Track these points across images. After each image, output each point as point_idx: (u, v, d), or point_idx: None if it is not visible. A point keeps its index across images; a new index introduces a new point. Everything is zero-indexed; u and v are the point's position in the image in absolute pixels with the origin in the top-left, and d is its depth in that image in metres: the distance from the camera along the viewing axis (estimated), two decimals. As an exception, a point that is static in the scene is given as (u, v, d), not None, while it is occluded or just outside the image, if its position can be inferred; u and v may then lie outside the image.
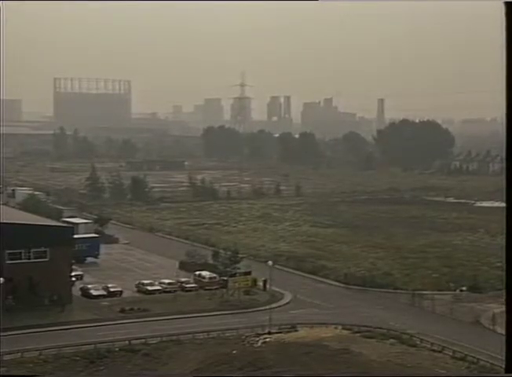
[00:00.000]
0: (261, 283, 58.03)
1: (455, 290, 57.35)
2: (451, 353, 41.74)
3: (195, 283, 58.94)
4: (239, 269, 60.88)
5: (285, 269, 65.83)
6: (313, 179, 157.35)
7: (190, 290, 57.19)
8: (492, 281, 59.44)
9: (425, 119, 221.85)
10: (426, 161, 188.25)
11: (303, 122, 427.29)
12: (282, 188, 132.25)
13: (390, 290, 57.94)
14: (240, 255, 65.57)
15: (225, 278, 58.03)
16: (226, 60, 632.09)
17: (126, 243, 79.84)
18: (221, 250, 67.12)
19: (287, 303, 54.88)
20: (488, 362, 40.08)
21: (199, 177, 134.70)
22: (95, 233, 74.80)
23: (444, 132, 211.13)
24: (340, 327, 47.69)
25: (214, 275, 59.60)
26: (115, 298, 54.49)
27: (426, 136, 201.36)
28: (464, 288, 57.72)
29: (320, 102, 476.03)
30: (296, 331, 47.01)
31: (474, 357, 40.94)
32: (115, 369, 39.86)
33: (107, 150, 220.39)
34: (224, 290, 56.23)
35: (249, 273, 59.13)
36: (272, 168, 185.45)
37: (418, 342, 44.11)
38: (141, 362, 41.35)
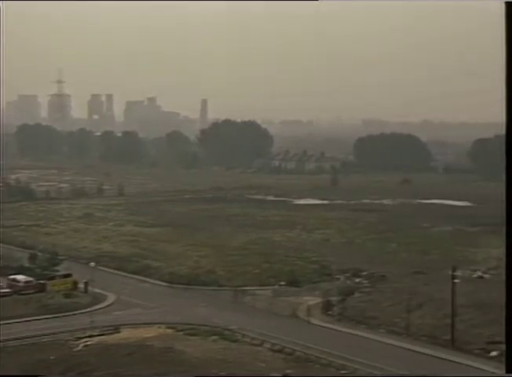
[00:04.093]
0: (82, 286, 56.41)
1: (274, 285, 59.50)
2: (269, 346, 43.27)
3: (9, 287, 55.81)
4: (58, 271, 58.76)
5: (108, 269, 64.61)
6: (137, 178, 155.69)
7: (4, 296, 54.06)
8: (309, 275, 62.62)
9: (246, 120, 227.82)
10: (247, 160, 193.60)
11: (126, 120, 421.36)
12: (104, 187, 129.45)
13: (214, 288, 58.91)
14: (60, 257, 63.33)
15: (43, 281, 55.66)
16: (43, 56, 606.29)
17: None
18: (39, 253, 64.31)
19: (110, 304, 53.83)
20: (302, 352, 42.07)
21: (14, 176, 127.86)
22: None
23: (263, 132, 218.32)
24: (163, 326, 47.62)
25: (30, 278, 56.89)
26: None
27: (247, 136, 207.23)
28: (283, 283, 60.07)
29: (143, 101, 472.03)
30: (119, 332, 46.24)
31: (291, 349, 42.74)
32: None
33: None
34: (43, 294, 53.89)
35: (69, 276, 57.27)
36: (93, 167, 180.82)
37: (239, 338, 45.24)
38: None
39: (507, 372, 8.72)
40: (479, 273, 62.91)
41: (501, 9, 8.37)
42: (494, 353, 41.63)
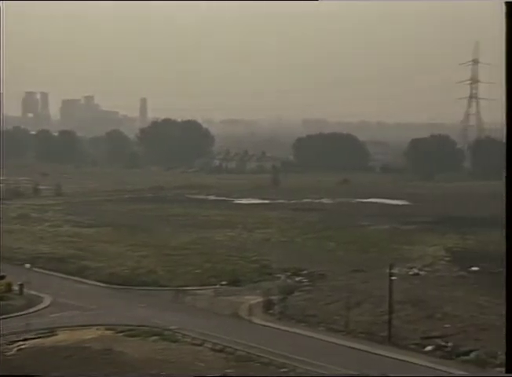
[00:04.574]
0: (16, 288, 55.08)
1: (215, 285, 59.47)
2: (210, 346, 43.24)
3: None
4: (-10, 273, 57.15)
5: (44, 271, 63.24)
6: (75, 178, 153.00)
7: None
8: (250, 274, 62.83)
9: (186, 119, 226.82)
10: (188, 160, 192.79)
11: (62, 119, 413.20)
12: (41, 187, 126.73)
13: (154, 288, 58.43)
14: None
15: (-26, 284, 54.06)
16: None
17: None
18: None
19: (46, 307, 52.69)
20: (243, 351, 42.22)
21: None
22: None
23: (204, 132, 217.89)
24: (102, 327, 46.97)
25: (-41, 282, 55.14)
26: None
27: (187, 135, 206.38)
28: (224, 282, 60.10)
29: (80, 99, 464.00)
30: (56, 335, 45.33)
31: (232, 348, 42.83)
32: None
33: None
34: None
35: (3, 277, 55.84)
36: (29, 167, 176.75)
37: (179, 338, 45.03)
38: None
39: (507, 372, 8.86)
40: (415, 270, 64.38)
41: (501, 9, 8.46)
42: (429, 348, 42.70)
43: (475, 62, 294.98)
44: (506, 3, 8.45)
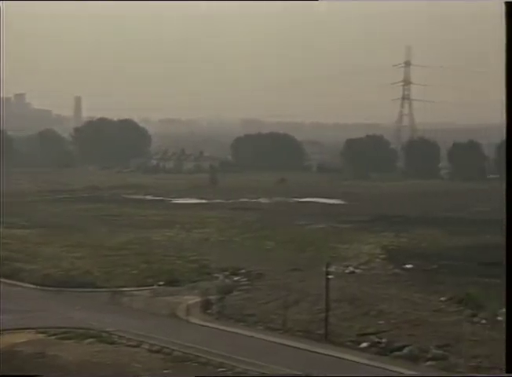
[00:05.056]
0: None
1: (153, 286, 58.99)
2: (147, 347, 42.88)
3: None
4: None
5: (-25, 274, 61.33)
6: (7, 178, 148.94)
7: None
8: (188, 274, 62.55)
9: (123, 118, 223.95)
10: (124, 159, 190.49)
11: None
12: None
13: (90, 290, 57.50)
14: None
15: None
16: None
17: None
18: None
19: (-23, 311, 51.07)
20: (181, 351, 42.03)
21: None
22: None
23: (141, 131, 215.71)
24: (34, 331, 45.87)
25: None
26: None
27: (124, 135, 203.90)
28: (162, 283, 59.68)
29: (10, 97, 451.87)
30: (-14, 339, 44.01)
31: (169, 349, 42.57)
32: None
33: None
34: None
35: None
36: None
37: (116, 339, 44.45)
38: None
39: (507, 372, 9.00)
40: (351, 269, 65.41)
41: (501, 9, 8.49)
42: (364, 345, 43.48)
43: (407, 64, 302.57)
44: (506, 3, 8.60)
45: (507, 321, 9.44)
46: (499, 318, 48.01)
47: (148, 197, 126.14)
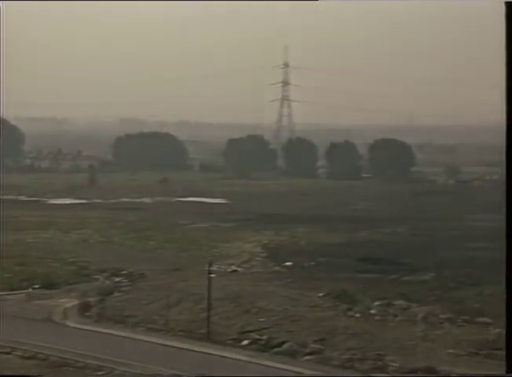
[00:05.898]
0: None
1: (28, 289, 56.70)
2: (20, 353, 41.12)
3: None
4: None
5: None
6: None
7: None
8: (65, 277, 60.60)
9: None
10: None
11: None
12: None
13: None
14: None
15: None
16: None
17: None
18: None
19: None
20: (57, 356, 40.64)
21: None
22: None
23: (13, 129, 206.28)
24: None
25: None
26: None
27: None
28: (37, 286, 57.49)
29: None
30: None
31: (44, 354, 41.06)
32: None
33: None
34: None
35: None
36: None
37: (-14, 347, 42.22)
38: None
39: (507, 372, 8.94)
40: (233, 267, 65.84)
41: (501, 9, 8.38)
42: (245, 342, 43.85)
43: (286, 65, 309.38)
44: (506, 3, 8.65)
45: (507, 321, 9.57)
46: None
47: (22, 198, 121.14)
